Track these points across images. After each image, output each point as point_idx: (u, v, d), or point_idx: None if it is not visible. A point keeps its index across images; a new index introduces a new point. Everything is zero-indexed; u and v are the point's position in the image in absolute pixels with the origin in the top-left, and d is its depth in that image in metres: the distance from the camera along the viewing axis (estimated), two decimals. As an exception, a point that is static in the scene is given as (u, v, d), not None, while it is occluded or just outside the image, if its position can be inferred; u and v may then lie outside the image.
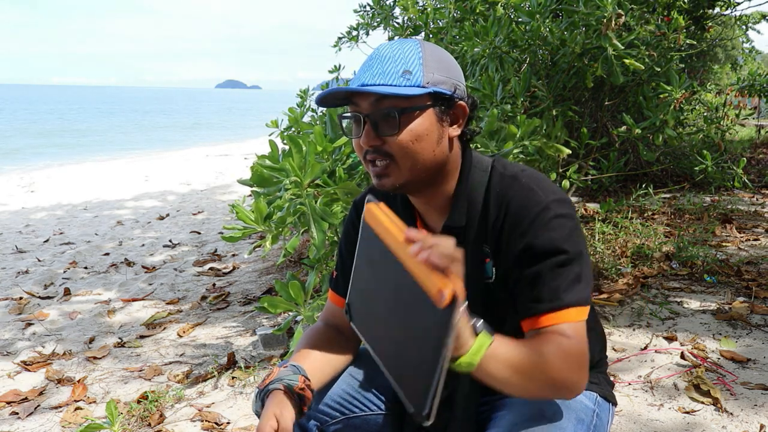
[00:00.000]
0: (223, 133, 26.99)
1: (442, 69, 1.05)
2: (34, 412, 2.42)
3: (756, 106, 11.59)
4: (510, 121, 2.84)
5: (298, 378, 1.11)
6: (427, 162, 1.06)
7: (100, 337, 3.19)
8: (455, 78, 1.07)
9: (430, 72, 1.03)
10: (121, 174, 10.97)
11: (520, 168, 1.12)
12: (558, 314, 1.00)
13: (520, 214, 1.05)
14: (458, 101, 1.07)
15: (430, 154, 1.06)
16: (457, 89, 1.06)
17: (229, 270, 4.29)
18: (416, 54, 1.03)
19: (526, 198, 1.05)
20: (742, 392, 2.13)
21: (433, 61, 1.04)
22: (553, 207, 1.03)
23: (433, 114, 1.04)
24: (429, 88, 1.02)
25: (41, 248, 5.38)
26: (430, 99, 1.03)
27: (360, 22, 5.25)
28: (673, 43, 3.58)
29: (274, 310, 2.04)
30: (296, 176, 1.95)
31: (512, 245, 1.05)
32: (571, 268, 1.02)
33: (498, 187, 1.09)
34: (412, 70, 1.02)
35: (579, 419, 1.13)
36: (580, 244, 1.04)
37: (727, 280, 3.23)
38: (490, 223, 1.09)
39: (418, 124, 1.03)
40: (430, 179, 1.10)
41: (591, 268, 1.08)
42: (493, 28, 3.09)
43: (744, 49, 9.33)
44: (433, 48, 1.06)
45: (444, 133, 1.07)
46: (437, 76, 1.03)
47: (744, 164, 3.75)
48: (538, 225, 1.03)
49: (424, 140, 1.04)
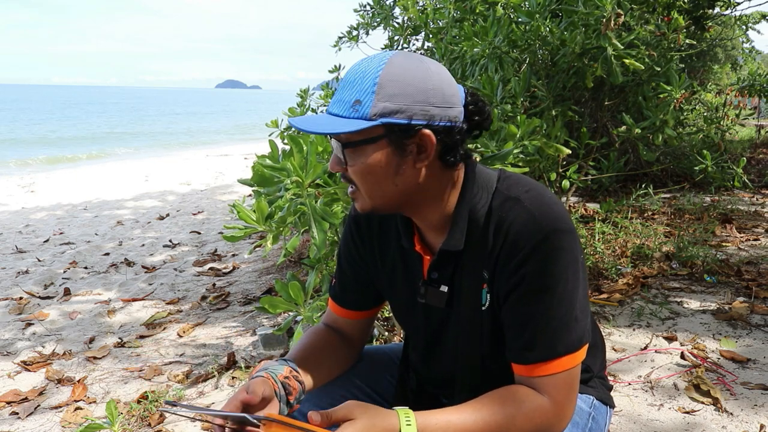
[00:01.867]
0: (223, 133, 27.00)
1: (401, 95, 0.93)
2: (34, 412, 2.42)
3: (756, 106, 11.60)
4: (510, 121, 2.84)
5: (284, 368, 1.09)
6: (388, 193, 1.00)
7: (100, 337, 3.19)
8: (422, 102, 0.94)
9: (383, 101, 0.93)
10: (121, 174, 10.97)
11: (525, 188, 1.03)
12: (549, 365, 0.99)
13: (518, 243, 0.99)
14: (421, 130, 0.95)
15: (389, 185, 0.99)
16: (414, 117, 0.94)
17: (229, 270, 4.29)
18: (372, 80, 0.93)
19: (525, 225, 0.98)
20: (742, 392, 2.13)
21: (393, 86, 0.93)
22: (553, 238, 0.97)
23: (387, 145, 0.96)
24: (376, 120, 0.93)
25: (41, 248, 5.38)
26: (382, 130, 0.94)
27: (360, 21, 5.26)
28: (673, 43, 3.59)
29: (274, 310, 2.03)
30: (297, 176, 1.95)
31: (507, 275, 1.01)
32: (564, 310, 0.99)
33: (500, 210, 1.02)
34: (363, 100, 0.93)
35: (574, 422, 1.13)
36: (576, 280, 1.00)
37: (727, 280, 3.23)
38: (489, 248, 1.03)
39: (369, 158, 0.96)
40: (405, 205, 1.04)
41: (587, 298, 1.06)
42: (493, 28, 3.09)
43: (744, 49, 9.33)
44: (400, 69, 0.94)
45: (405, 163, 0.97)
46: (390, 105, 0.93)
47: (744, 164, 3.75)
48: (535, 258, 0.97)
49: (378, 173, 0.97)
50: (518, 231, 0.99)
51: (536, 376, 1.00)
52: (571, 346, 0.99)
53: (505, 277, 1.01)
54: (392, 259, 1.19)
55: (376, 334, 2.66)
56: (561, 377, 0.99)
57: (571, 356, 0.99)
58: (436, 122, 0.96)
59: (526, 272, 0.98)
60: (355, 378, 1.29)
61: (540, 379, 0.99)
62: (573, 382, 1.01)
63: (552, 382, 0.99)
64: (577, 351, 1.00)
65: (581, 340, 1.01)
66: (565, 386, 1.00)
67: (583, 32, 3.09)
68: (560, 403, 0.99)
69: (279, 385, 1.06)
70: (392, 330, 2.71)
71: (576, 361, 1.00)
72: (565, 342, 0.99)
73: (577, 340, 1.00)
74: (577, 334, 1.00)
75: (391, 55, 0.96)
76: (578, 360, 1.01)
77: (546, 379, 0.99)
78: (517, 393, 1.00)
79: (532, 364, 1.00)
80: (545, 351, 0.99)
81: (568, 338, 0.99)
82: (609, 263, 3.35)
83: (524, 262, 0.98)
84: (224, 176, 10.15)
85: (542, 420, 0.98)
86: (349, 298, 1.27)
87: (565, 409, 1.00)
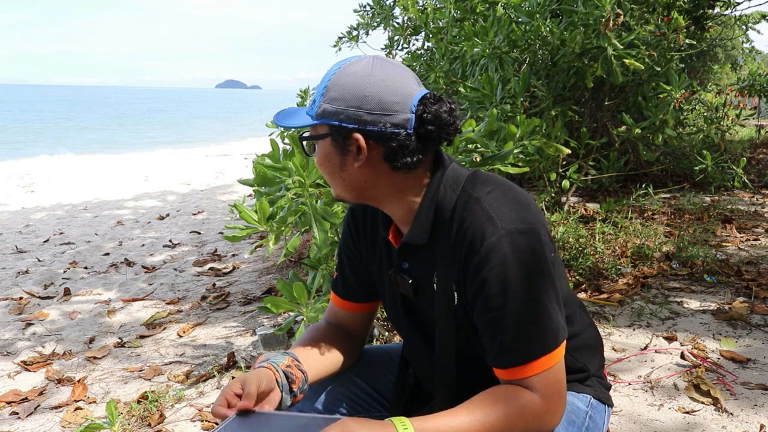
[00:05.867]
0: (223, 133, 26.98)
1: (339, 99, 1.01)
2: (34, 412, 2.42)
3: (756, 106, 11.60)
4: (510, 121, 2.84)
5: (286, 358, 1.11)
6: (340, 185, 1.09)
7: (100, 337, 3.19)
8: (356, 108, 1.00)
9: (327, 102, 1.02)
10: (121, 174, 10.96)
11: (488, 188, 1.05)
12: (528, 367, 0.99)
13: (474, 245, 1.00)
14: (352, 134, 1.01)
15: (338, 179, 1.08)
16: (345, 121, 1.00)
17: (229, 270, 4.29)
18: (325, 82, 1.03)
19: (482, 227, 0.99)
20: (742, 392, 2.13)
21: (335, 90, 1.02)
22: (508, 240, 0.98)
23: (330, 143, 1.04)
24: (318, 120, 1.03)
25: (41, 248, 5.39)
26: (327, 129, 1.03)
27: (360, 21, 5.26)
28: (673, 43, 3.59)
29: (276, 310, 2.03)
30: (299, 176, 1.95)
31: (470, 277, 1.02)
32: (535, 311, 0.99)
33: (462, 210, 1.04)
34: (316, 99, 1.04)
35: (570, 421, 1.14)
36: (542, 279, 0.99)
37: (727, 280, 3.23)
38: (452, 245, 1.05)
39: (318, 152, 1.07)
40: (363, 198, 1.10)
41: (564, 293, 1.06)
42: (493, 28, 3.09)
43: (744, 49, 9.34)
44: (345, 76, 1.02)
45: (346, 161, 1.04)
46: (329, 108, 1.02)
47: (744, 164, 3.76)
48: (493, 261, 0.98)
49: (327, 167, 1.07)
50: (474, 233, 1.00)
51: (518, 379, 1.01)
52: (547, 346, 0.99)
53: (469, 279, 1.03)
54: (379, 249, 1.22)
55: (376, 334, 2.66)
56: (543, 375, 1.00)
57: (549, 356, 1.00)
58: (368, 127, 1.00)
59: (487, 276, 0.99)
60: (355, 376, 1.31)
61: (523, 381, 1.00)
62: (558, 376, 1.01)
63: (536, 380, 1.00)
64: (555, 350, 1.00)
65: (557, 338, 1.01)
66: (550, 382, 1.00)
67: (583, 32, 3.10)
68: (548, 397, 1.00)
69: (281, 374, 1.08)
70: (392, 330, 2.71)
71: (555, 359, 1.00)
72: (540, 343, 0.99)
73: (552, 339, 1.00)
74: (552, 333, 1.00)
75: (350, 60, 1.05)
76: (558, 357, 1.01)
77: (528, 380, 1.00)
78: (507, 391, 1.01)
79: (512, 368, 1.01)
80: (521, 355, 0.99)
81: (543, 339, 0.99)
82: (609, 263, 3.35)
83: (482, 265, 0.99)
84: (224, 176, 10.15)
85: (534, 415, 0.99)
86: (350, 289, 1.29)
87: (555, 402, 1.01)
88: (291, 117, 1.10)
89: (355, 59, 1.04)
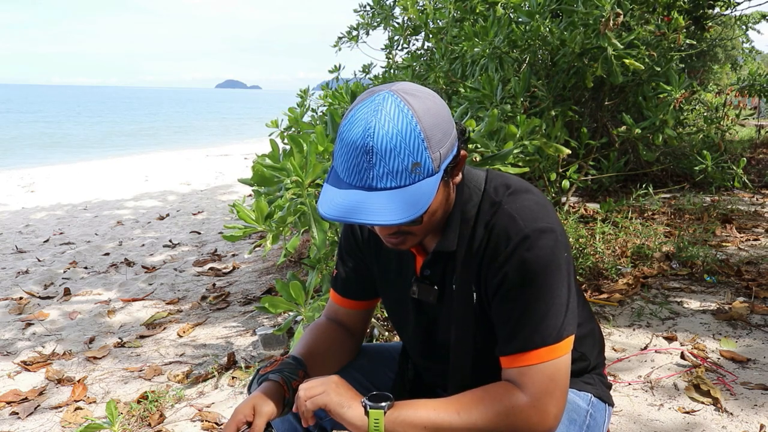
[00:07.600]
0: (223, 133, 26.98)
1: (441, 132, 0.94)
2: (34, 412, 2.42)
3: (756, 106, 11.60)
4: (510, 121, 2.84)
5: (299, 373, 1.13)
6: (441, 220, 1.07)
7: (100, 337, 3.19)
8: (451, 125, 0.98)
9: (436, 150, 0.93)
10: (121, 174, 10.96)
11: (508, 191, 1.08)
12: (527, 356, 1.01)
13: (499, 244, 1.03)
14: (461, 152, 1.01)
15: (443, 214, 1.06)
16: (455, 141, 0.98)
17: (229, 270, 4.29)
18: (417, 136, 0.91)
19: (506, 227, 1.03)
20: (742, 392, 2.13)
21: (433, 130, 0.93)
22: (533, 238, 1.01)
23: (442, 183, 0.99)
24: (440, 171, 0.95)
25: (41, 248, 5.39)
26: (442, 173, 0.96)
27: (360, 22, 5.26)
28: (673, 43, 3.59)
29: (275, 310, 2.03)
30: (298, 176, 1.95)
31: (491, 275, 1.05)
32: (544, 304, 1.01)
33: (486, 214, 1.07)
34: (421, 161, 0.91)
35: (571, 419, 1.14)
36: (556, 276, 1.01)
37: (727, 280, 3.23)
38: (476, 249, 1.07)
39: (433, 203, 1.00)
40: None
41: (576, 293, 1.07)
42: (493, 28, 3.09)
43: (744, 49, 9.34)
44: (424, 108, 0.93)
45: (451, 187, 1.05)
46: (443, 150, 0.94)
47: (744, 164, 3.75)
48: (515, 258, 1.01)
49: (440, 209, 1.04)
50: (499, 233, 1.04)
51: (515, 366, 1.02)
52: (548, 338, 1.00)
53: (490, 277, 1.05)
54: (386, 254, 1.23)
55: (376, 334, 2.66)
56: (539, 369, 1.00)
57: (549, 348, 1.00)
58: (460, 136, 1.02)
59: (507, 271, 1.02)
60: (355, 372, 1.32)
61: (518, 371, 1.01)
62: (555, 375, 1.01)
63: (530, 373, 1.00)
64: (557, 343, 1.01)
65: (561, 333, 1.01)
66: (544, 380, 1.00)
67: (583, 32, 3.09)
68: (538, 398, 0.99)
69: (291, 392, 1.10)
70: (392, 330, 2.71)
71: (555, 354, 1.01)
72: (542, 333, 1.00)
73: (555, 332, 1.01)
74: (556, 326, 1.01)
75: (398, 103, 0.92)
76: (558, 353, 1.01)
77: (524, 370, 1.01)
78: (497, 389, 1.02)
79: (512, 354, 1.03)
80: (522, 342, 1.01)
81: (545, 330, 1.01)
82: (609, 263, 3.35)
83: (505, 263, 1.03)
84: (224, 176, 10.15)
85: (520, 417, 0.99)
86: (350, 287, 1.31)
87: (546, 404, 0.99)
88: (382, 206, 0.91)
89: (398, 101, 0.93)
